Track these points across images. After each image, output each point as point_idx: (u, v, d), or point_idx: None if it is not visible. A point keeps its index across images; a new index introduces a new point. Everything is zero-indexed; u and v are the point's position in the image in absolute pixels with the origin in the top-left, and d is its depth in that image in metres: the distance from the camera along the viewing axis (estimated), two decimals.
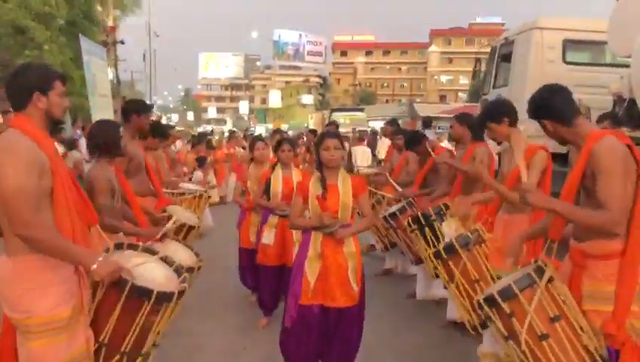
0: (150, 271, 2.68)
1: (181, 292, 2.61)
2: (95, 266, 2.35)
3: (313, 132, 11.84)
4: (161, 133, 5.77)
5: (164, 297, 2.51)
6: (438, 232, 4.45)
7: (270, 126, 46.46)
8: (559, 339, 2.43)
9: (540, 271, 2.51)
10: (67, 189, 2.44)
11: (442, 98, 69.77)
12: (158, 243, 3.39)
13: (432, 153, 5.66)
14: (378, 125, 27.05)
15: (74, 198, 2.50)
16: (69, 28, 23.78)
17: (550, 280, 2.52)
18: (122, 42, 30.69)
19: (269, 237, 4.85)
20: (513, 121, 3.74)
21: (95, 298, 2.50)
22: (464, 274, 3.80)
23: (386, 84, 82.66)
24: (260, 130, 45.60)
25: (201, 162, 10.49)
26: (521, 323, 2.45)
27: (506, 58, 9.55)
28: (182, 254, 3.75)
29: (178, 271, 2.82)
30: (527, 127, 4.25)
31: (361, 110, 38.36)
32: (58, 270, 2.39)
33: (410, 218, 4.84)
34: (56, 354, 2.36)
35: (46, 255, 2.33)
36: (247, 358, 4.26)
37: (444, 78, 77.89)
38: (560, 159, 5.15)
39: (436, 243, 4.33)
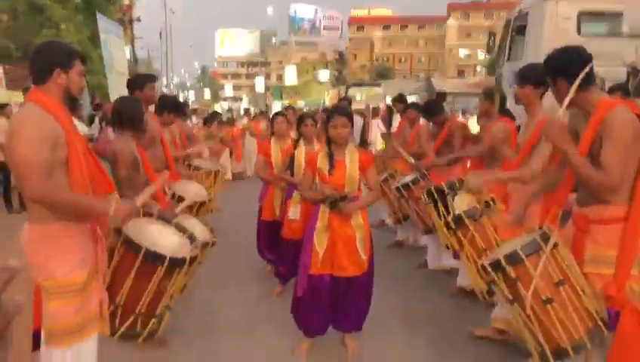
0: (164, 238, 2.83)
1: (193, 258, 2.75)
2: (112, 210, 2.51)
3: (347, 101, 11.70)
4: (176, 108, 5.85)
5: (177, 262, 2.65)
6: (450, 206, 4.54)
7: (286, 103, 46.41)
8: (563, 303, 2.53)
9: (545, 237, 2.59)
10: (82, 160, 2.59)
11: (460, 72, 68.92)
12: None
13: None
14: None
15: (90, 168, 2.64)
16: (85, 6, 23.90)
17: (555, 245, 2.59)
18: (139, 20, 30.79)
19: (295, 212, 4.90)
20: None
21: (111, 263, 2.64)
22: (472, 244, 3.89)
23: (403, 59, 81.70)
24: (277, 107, 45.58)
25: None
26: (526, 288, 2.53)
27: (521, 31, 9.48)
28: (198, 230, 3.93)
29: (191, 238, 2.96)
30: None
31: (378, 85, 38.08)
32: (76, 238, 2.56)
33: (425, 191, 4.94)
34: (70, 315, 2.54)
35: (65, 213, 2.49)
36: (261, 326, 4.42)
37: (462, 52, 76.77)
38: None
39: (447, 216, 4.43)
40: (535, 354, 2.66)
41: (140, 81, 4.73)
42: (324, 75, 64.95)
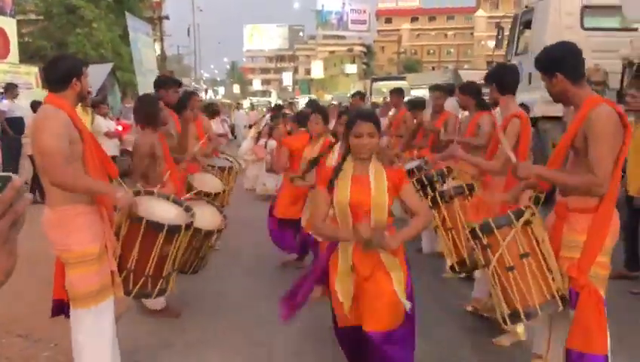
0: (163, 211, 3.34)
1: (188, 225, 3.24)
2: (119, 195, 3.04)
3: (359, 95, 10.85)
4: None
5: (174, 229, 3.17)
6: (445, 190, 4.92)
7: (313, 97, 46.85)
8: (523, 273, 2.86)
9: (519, 214, 2.92)
10: (94, 153, 3.15)
11: (489, 64, 68.18)
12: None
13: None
14: (421, 93, 26.99)
15: (99, 157, 3.20)
16: (116, 5, 24.62)
17: (528, 223, 2.91)
18: (167, 18, 31.51)
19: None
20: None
21: (120, 235, 3.15)
22: (442, 223, 4.28)
23: (431, 51, 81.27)
24: (303, 101, 45.99)
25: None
26: (494, 255, 2.90)
27: (528, 25, 9.73)
28: (206, 213, 4.42)
29: (187, 209, 3.45)
30: None
31: (403, 78, 38.13)
32: (87, 216, 3.09)
33: (415, 180, 5.34)
34: (88, 282, 3.07)
35: (81, 193, 3.01)
36: (266, 306, 4.85)
37: (491, 44, 75.82)
38: None
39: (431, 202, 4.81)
40: (498, 316, 3.00)
41: (167, 82, 5.26)
42: (351, 68, 65.12)
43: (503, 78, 4.17)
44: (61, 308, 3.21)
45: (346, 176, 2.81)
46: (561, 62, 2.87)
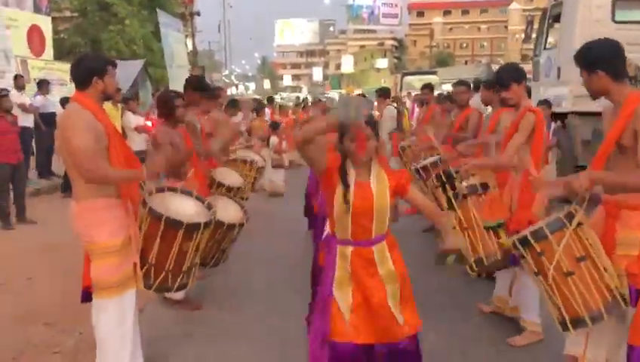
0: (185, 208, 3.44)
1: (207, 223, 3.32)
2: (145, 172, 3.24)
3: (384, 92, 11.10)
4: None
5: (193, 227, 3.24)
6: (458, 190, 4.93)
7: (344, 92, 46.82)
8: (583, 276, 2.76)
9: (570, 216, 2.83)
10: (118, 147, 3.24)
11: (524, 57, 66.94)
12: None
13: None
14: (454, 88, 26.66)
15: (124, 153, 3.29)
16: (148, 2, 24.99)
17: (579, 224, 2.82)
18: (198, 14, 31.86)
19: None
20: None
21: (142, 229, 3.25)
22: (459, 223, 4.29)
23: (465, 45, 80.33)
24: (334, 96, 46.01)
25: (274, 127, 10.90)
26: (550, 261, 2.80)
27: (557, 19, 9.57)
28: (230, 209, 4.53)
29: (209, 206, 3.54)
30: None
31: (434, 73, 37.81)
32: (111, 210, 3.19)
33: (435, 175, 5.36)
34: (109, 273, 3.18)
35: (112, 185, 3.17)
36: (286, 297, 4.96)
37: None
38: None
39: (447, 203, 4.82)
40: (556, 323, 2.89)
41: (199, 86, 5.35)
42: (382, 62, 64.85)
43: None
44: (89, 295, 3.34)
45: (350, 181, 2.68)
46: (604, 60, 2.81)
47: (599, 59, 2.83)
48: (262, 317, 4.47)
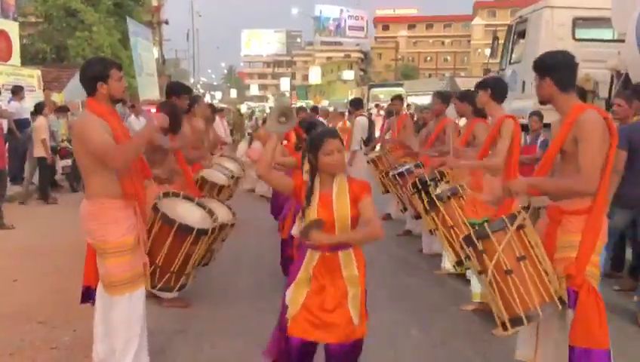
0: (190, 213, 3.62)
1: (214, 229, 3.51)
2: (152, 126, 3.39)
3: (357, 103, 10.61)
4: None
5: (202, 232, 3.45)
6: (432, 196, 5.20)
7: (311, 102, 47.21)
8: (522, 275, 2.92)
9: (512, 218, 3.01)
10: None
11: (486, 72, 68.59)
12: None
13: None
14: (418, 100, 27.37)
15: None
16: (116, 9, 24.76)
17: (521, 226, 3.00)
18: (166, 22, 31.70)
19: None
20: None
21: (151, 232, 3.41)
22: (443, 222, 4.57)
23: (429, 58, 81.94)
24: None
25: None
26: (491, 259, 2.95)
27: (522, 35, 10.06)
28: (220, 211, 4.71)
29: (210, 213, 3.73)
30: None
31: (400, 85, 38.54)
32: (122, 210, 3.28)
33: (411, 183, 5.64)
34: (122, 270, 3.27)
35: (138, 155, 3.31)
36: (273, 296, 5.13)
37: (488, 52, 76.36)
38: None
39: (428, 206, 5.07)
40: (497, 321, 3.04)
41: (180, 90, 5.49)
42: (348, 74, 65.53)
43: (499, 86, 4.50)
44: (89, 295, 3.43)
45: (315, 195, 2.86)
46: (552, 69, 3.02)
47: (549, 67, 3.05)
48: (252, 314, 4.61)
